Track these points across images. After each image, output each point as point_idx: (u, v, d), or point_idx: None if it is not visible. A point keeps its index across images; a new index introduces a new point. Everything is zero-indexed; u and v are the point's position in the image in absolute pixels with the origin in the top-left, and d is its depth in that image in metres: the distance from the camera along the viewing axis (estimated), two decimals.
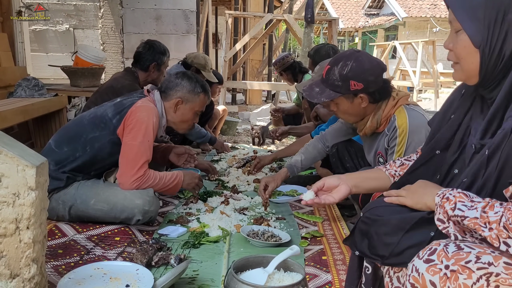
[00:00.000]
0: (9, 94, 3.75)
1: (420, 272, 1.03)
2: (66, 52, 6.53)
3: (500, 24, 1.06)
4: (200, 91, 2.39)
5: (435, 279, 1.01)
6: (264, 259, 1.57)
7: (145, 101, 2.27)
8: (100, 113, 2.25)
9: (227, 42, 7.65)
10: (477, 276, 0.99)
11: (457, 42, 1.13)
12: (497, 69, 1.09)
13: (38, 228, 1.37)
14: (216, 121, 4.74)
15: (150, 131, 2.20)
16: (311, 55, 3.81)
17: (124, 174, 2.19)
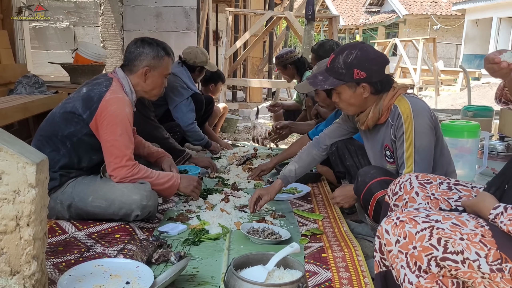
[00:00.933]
0: (9, 91, 3.74)
1: (381, 225, 1.29)
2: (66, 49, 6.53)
3: None
4: (163, 54, 2.36)
5: (388, 227, 1.26)
6: (264, 256, 1.57)
7: (113, 91, 2.22)
8: (69, 108, 2.23)
9: (227, 40, 7.64)
10: (422, 227, 1.18)
11: None
12: None
13: (39, 225, 1.37)
14: (216, 119, 4.74)
15: (126, 122, 2.19)
16: (314, 49, 3.79)
17: (114, 169, 2.20)
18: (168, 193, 2.39)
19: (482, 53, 15.85)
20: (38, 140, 2.26)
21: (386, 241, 1.25)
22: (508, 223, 1.14)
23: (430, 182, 1.52)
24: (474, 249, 1.13)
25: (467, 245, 1.14)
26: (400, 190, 1.56)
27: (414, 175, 1.56)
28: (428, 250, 1.16)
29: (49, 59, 5.12)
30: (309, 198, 2.86)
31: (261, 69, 10.26)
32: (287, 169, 2.46)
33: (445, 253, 1.14)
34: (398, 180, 1.60)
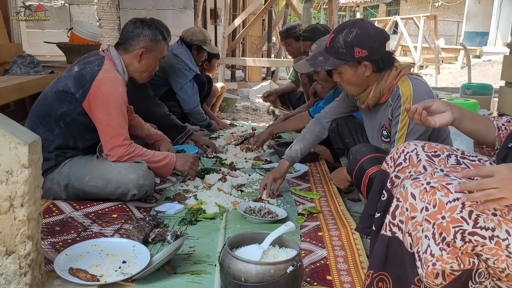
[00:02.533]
0: (4, 72, 3.71)
1: (405, 186, 1.15)
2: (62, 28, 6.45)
3: None
4: (161, 39, 2.35)
5: (415, 192, 1.12)
6: (259, 235, 1.57)
7: (105, 70, 2.19)
8: (62, 87, 2.20)
9: (225, 18, 7.53)
10: (454, 197, 1.07)
11: None
12: None
13: (33, 205, 1.37)
14: (214, 99, 4.70)
15: (120, 101, 2.18)
16: (308, 36, 3.56)
17: (111, 149, 2.20)
18: (164, 172, 2.39)
19: (484, 31, 15.67)
20: (32, 121, 2.25)
21: (411, 206, 1.12)
22: None
23: (438, 155, 1.39)
24: (506, 227, 1.06)
25: (498, 222, 1.06)
26: (404, 161, 1.41)
27: (420, 145, 1.41)
28: (457, 222, 1.06)
29: (44, 39, 5.06)
30: (307, 177, 2.86)
31: (260, 48, 10.16)
32: (293, 149, 2.46)
33: (475, 228, 1.06)
34: (401, 149, 1.43)
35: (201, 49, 3.92)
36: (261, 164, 3.04)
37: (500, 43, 13.84)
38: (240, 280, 1.38)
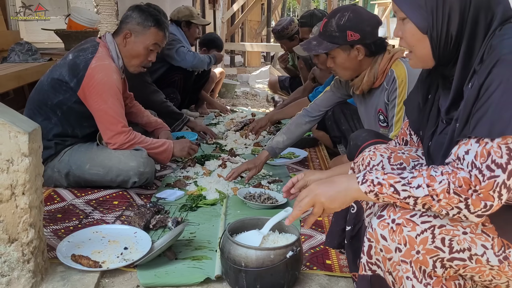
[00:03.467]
0: (2, 59, 3.69)
1: (373, 227, 1.12)
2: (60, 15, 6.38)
3: (442, 8, 1.07)
4: (151, 24, 2.26)
5: (384, 233, 1.09)
6: (259, 221, 1.58)
7: (98, 58, 2.17)
8: (56, 76, 2.19)
9: (224, 3, 7.47)
10: (421, 229, 1.05)
11: (405, 30, 1.14)
12: (448, 49, 1.10)
13: (34, 193, 1.38)
14: (213, 85, 4.69)
15: (115, 89, 2.17)
16: (305, 22, 3.53)
17: (111, 137, 2.20)
18: (164, 158, 2.39)
19: None
20: (29, 110, 2.25)
21: (384, 248, 1.10)
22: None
23: (404, 167, 1.36)
24: (480, 241, 1.05)
25: (471, 239, 1.05)
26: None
27: (387, 156, 1.37)
28: (433, 252, 1.05)
29: (41, 26, 5.01)
30: (306, 162, 2.87)
31: (259, 33, 10.09)
32: (275, 140, 2.42)
33: (452, 253, 1.05)
34: (367, 160, 1.39)
35: (191, 24, 3.94)
36: (261, 150, 3.04)
37: None
38: (241, 265, 1.40)
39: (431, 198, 1.03)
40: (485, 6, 1.06)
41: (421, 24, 1.09)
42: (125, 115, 2.61)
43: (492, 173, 0.98)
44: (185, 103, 4.18)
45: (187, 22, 3.94)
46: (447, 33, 1.08)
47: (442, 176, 1.03)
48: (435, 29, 1.08)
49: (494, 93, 0.98)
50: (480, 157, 0.99)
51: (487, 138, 0.99)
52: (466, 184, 1.00)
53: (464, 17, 1.06)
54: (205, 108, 4.42)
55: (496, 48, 1.02)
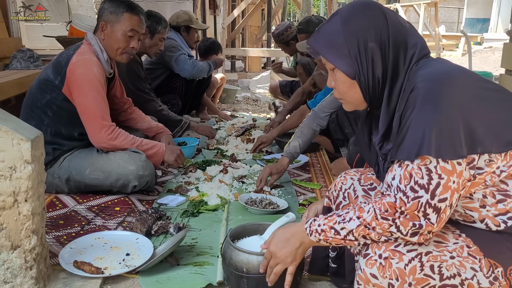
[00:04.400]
0: (4, 66, 3.72)
1: (362, 268, 1.10)
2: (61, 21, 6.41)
3: (365, 54, 1.13)
4: (123, 10, 2.24)
5: (373, 271, 1.08)
6: (261, 227, 1.59)
7: (79, 53, 2.19)
8: (43, 77, 2.23)
9: (225, 8, 7.51)
10: (408, 258, 1.05)
11: (336, 79, 1.20)
12: (377, 90, 1.16)
13: (37, 200, 1.39)
14: (214, 90, 4.71)
15: (95, 83, 2.15)
16: (302, 29, 3.54)
17: (93, 133, 2.19)
18: (154, 161, 2.34)
19: (485, 17, 15.55)
20: (23, 115, 2.27)
21: (377, 287, 1.08)
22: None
23: (374, 187, 1.41)
24: (468, 264, 1.05)
25: (460, 263, 1.05)
26: (344, 200, 1.44)
27: (357, 178, 1.44)
28: (423, 281, 1.05)
29: (43, 32, 5.04)
30: (307, 167, 2.87)
31: (260, 38, 10.12)
32: (292, 145, 2.46)
33: (443, 280, 1.05)
34: (339, 185, 1.45)
35: (190, 29, 3.96)
36: (262, 155, 3.05)
37: (501, 30, 13.74)
38: (242, 271, 1.40)
39: (365, 227, 1.09)
40: (403, 47, 1.14)
41: (349, 71, 1.15)
42: (125, 121, 2.64)
43: (415, 194, 1.03)
44: (186, 109, 4.19)
45: (186, 27, 3.97)
46: (373, 76, 1.14)
47: (369, 206, 1.10)
48: (361, 74, 1.15)
49: (409, 119, 1.05)
50: (404, 180, 1.05)
51: (407, 160, 1.04)
52: (392, 208, 1.05)
53: (386, 59, 1.13)
54: (206, 114, 4.43)
55: (412, 79, 1.10)
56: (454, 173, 1.02)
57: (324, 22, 1.23)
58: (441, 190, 1.02)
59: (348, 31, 1.14)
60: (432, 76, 1.07)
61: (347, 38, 1.13)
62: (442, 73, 1.08)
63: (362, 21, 1.14)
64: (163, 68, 3.85)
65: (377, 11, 1.15)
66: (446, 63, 1.15)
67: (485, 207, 1.09)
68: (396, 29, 1.14)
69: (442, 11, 11.96)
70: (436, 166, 1.01)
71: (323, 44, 1.18)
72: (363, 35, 1.13)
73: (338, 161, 2.51)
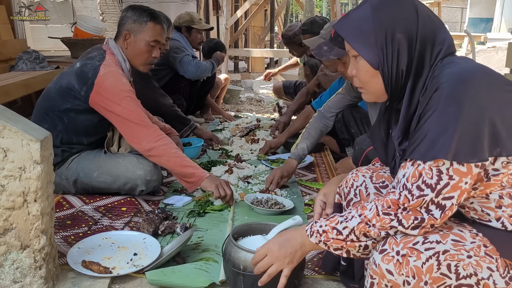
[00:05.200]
0: (10, 68, 3.74)
1: (377, 263, 1.09)
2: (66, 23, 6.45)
3: (391, 44, 1.12)
4: (147, 20, 2.23)
5: (390, 267, 1.07)
6: (267, 227, 1.59)
7: (106, 65, 2.15)
8: (65, 84, 2.18)
9: (228, 9, 7.51)
10: (426, 256, 1.05)
11: (358, 68, 1.18)
12: (400, 83, 1.15)
13: (46, 200, 1.40)
14: (218, 91, 4.72)
15: (127, 90, 2.13)
16: (306, 29, 3.56)
17: (137, 135, 2.11)
18: (186, 182, 2.17)
19: (488, 17, 15.51)
20: (36, 116, 2.26)
21: (392, 283, 1.08)
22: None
23: (386, 185, 1.41)
24: (485, 264, 1.05)
25: (477, 263, 1.05)
26: (355, 197, 1.43)
27: (369, 176, 1.43)
28: (440, 280, 1.05)
29: (48, 34, 5.08)
30: (312, 168, 2.88)
31: (263, 39, 10.12)
32: (299, 147, 2.47)
33: (459, 280, 1.05)
34: (350, 182, 1.45)
35: (192, 30, 3.98)
36: (267, 156, 3.06)
37: (504, 29, 13.71)
38: (239, 268, 1.40)
39: (366, 225, 1.11)
40: (430, 42, 1.13)
41: (373, 60, 1.14)
42: None
43: (421, 192, 1.05)
44: (190, 110, 4.21)
45: (187, 28, 3.98)
46: (397, 68, 1.13)
47: (371, 204, 1.12)
48: (386, 64, 1.13)
49: (429, 119, 1.04)
50: (412, 178, 1.06)
51: (419, 160, 1.05)
52: (394, 204, 1.07)
53: (412, 52, 1.12)
54: (210, 114, 4.45)
55: (436, 77, 1.09)
56: (469, 174, 1.03)
57: (353, 8, 1.22)
58: (448, 189, 1.03)
59: (377, 19, 1.12)
60: (457, 77, 1.06)
61: (376, 26, 1.12)
62: (467, 74, 1.06)
63: (392, 11, 1.12)
64: (167, 69, 3.87)
65: (408, 3, 1.14)
66: (471, 63, 1.13)
67: (501, 208, 1.09)
68: (426, 23, 1.12)
69: (445, 11, 11.93)
70: (449, 168, 1.02)
71: (350, 30, 1.16)
72: (392, 25, 1.11)
73: (343, 161, 2.52)
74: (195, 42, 4.08)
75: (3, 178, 1.34)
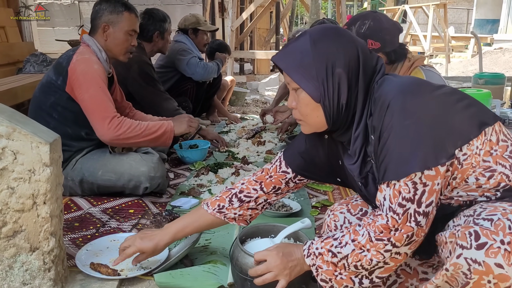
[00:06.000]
0: (18, 70, 3.77)
1: (480, 261, 0.97)
2: (72, 26, 6.48)
3: (332, 79, 1.13)
4: (122, 10, 2.30)
5: (498, 260, 0.96)
6: (275, 228, 1.58)
7: (79, 53, 2.22)
8: (45, 80, 2.26)
9: (233, 11, 7.52)
10: None
11: (299, 101, 1.19)
12: (340, 116, 1.17)
13: (55, 202, 1.41)
14: (224, 92, 4.73)
15: (96, 78, 2.16)
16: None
17: (98, 127, 2.16)
18: (165, 140, 2.31)
19: (495, 18, 15.45)
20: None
21: (499, 277, 0.96)
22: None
23: (365, 212, 1.42)
24: None
25: None
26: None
27: (346, 209, 1.44)
28: None
29: (55, 36, 5.12)
30: None
31: (268, 41, 10.13)
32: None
33: None
34: (333, 224, 1.44)
35: (198, 31, 3.99)
36: (273, 158, 3.05)
37: (511, 31, 13.64)
38: (247, 274, 1.38)
39: (359, 251, 1.12)
40: (371, 71, 1.16)
41: (314, 94, 1.15)
42: None
43: (404, 208, 1.08)
44: (196, 112, 4.21)
45: (194, 30, 4.00)
46: (338, 102, 1.15)
47: (363, 229, 1.13)
48: (327, 98, 1.15)
49: (389, 139, 1.07)
50: (393, 198, 1.09)
51: (394, 180, 1.08)
52: (386, 229, 1.09)
53: (352, 86, 1.15)
54: (216, 116, 4.45)
55: (380, 97, 1.12)
56: (438, 175, 1.06)
57: (292, 40, 1.22)
58: (426, 196, 1.07)
59: (317, 53, 1.13)
60: (400, 90, 1.10)
61: (316, 60, 1.13)
62: (407, 85, 1.12)
63: (332, 46, 1.14)
64: (173, 72, 3.88)
65: (348, 38, 1.17)
66: (399, 77, 1.19)
67: (481, 187, 1.12)
68: (365, 56, 1.16)
69: (451, 12, 11.89)
70: (421, 177, 1.06)
71: (290, 63, 1.17)
72: (332, 59, 1.13)
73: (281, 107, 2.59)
74: (201, 43, 4.10)
75: (13, 180, 1.35)
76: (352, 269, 1.15)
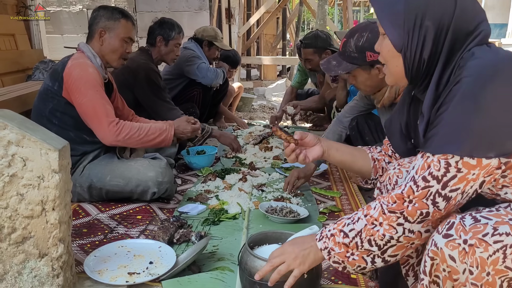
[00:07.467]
0: (27, 77, 3.80)
1: (439, 246, 1.04)
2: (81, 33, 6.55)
3: (419, 30, 1.09)
4: (119, 17, 2.32)
5: (454, 254, 1.03)
6: (283, 235, 1.58)
7: (74, 58, 2.24)
8: (43, 88, 2.29)
9: (240, 17, 7.56)
10: (493, 249, 1.01)
11: (382, 46, 1.18)
12: (420, 72, 1.13)
13: (63, 209, 1.41)
14: (231, 98, 4.74)
15: (92, 81, 2.18)
16: (309, 43, 3.53)
17: (98, 131, 2.18)
18: (169, 140, 2.36)
19: (503, 22, 15.38)
20: None
21: (451, 268, 1.03)
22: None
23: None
24: None
25: None
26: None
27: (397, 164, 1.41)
28: (502, 272, 1.01)
29: (64, 44, 5.17)
30: (327, 175, 2.86)
31: (275, 46, 10.17)
32: None
33: None
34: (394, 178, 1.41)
35: (212, 45, 4.00)
36: (281, 163, 3.05)
37: None
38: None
39: (372, 226, 1.10)
40: (464, 33, 1.09)
41: (397, 42, 1.12)
42: None
43: (426, 184, 1.04)
44: (203, 118, 4.22)
45: (209, 42, 4.01)
46: (420, 56, 1.11)
47: (375, 202, 1.12)
48: (409, 49, 1.11)
49: (445, 113, 1.03)
50: (420, 170, 1.06)
51: (429, 153, 1.05)
52: (400, 199, 1.07)
53: (439, 43, 1.09)
54: (223, 122, 4.46)
55: (460, 68, 1.06)
56: (478, 167, 1.01)
57: None
58: (455, 181, 1.03)
59: (409, 2, 1.10)
60: (479, 70, 1.03)
61: (407, 8, 1.09)
62: (491, 68, 1.03)
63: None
64: (181, 78, 3.90)
65: None
66: (501, 54, 1.09)
67: None
68: (463, 15, 1.09)
69: None
70: (458, 161, 1.01)
71: (382, 7, 1.15)
72: (423, 11, 1.08)
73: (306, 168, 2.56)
74: (211, 57, 4.11)
75: (22, 187, 1.36)
76: (365, 247, 1.12)
